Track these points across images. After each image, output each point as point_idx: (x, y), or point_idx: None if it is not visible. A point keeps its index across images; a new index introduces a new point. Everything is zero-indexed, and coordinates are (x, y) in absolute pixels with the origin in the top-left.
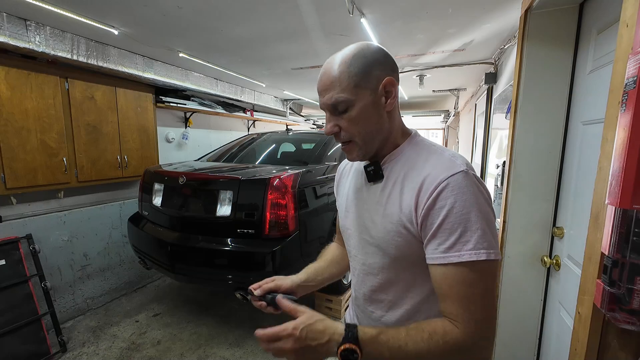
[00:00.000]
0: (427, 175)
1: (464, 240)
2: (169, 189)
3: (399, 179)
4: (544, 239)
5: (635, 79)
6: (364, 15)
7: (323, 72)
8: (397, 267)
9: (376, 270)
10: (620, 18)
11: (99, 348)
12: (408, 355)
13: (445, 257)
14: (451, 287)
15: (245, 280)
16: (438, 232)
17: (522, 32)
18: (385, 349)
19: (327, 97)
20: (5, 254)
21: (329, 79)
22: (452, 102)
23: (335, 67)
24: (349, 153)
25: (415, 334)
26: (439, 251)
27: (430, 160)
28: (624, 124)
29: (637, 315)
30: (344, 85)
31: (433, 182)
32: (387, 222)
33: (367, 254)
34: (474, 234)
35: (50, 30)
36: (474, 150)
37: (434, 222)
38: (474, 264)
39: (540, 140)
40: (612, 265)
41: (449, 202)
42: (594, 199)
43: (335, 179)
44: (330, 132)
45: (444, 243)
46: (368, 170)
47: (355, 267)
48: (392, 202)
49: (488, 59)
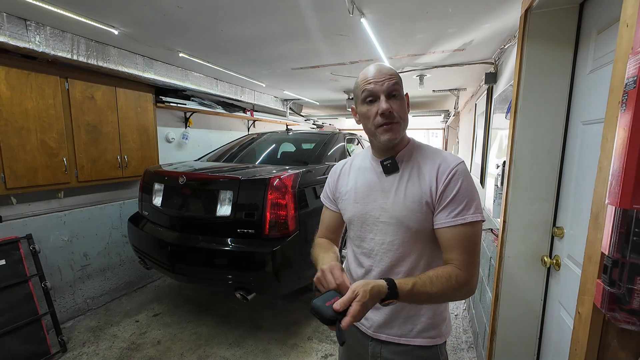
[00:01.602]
0: (440, 163)
1: (468, 208)
2: (169, 189)
3: (414, 168)
4: (544, 239)
5: (635, 79)
6: (364, 15)
7: (381, 66)
8: (414, 240)
9: (396, 246)
10: (620, 18)
11: (99, 348)
12: (432, 296)
13: (455, 220)
14: (458, 242)
15: (245, 280)
16: (451, 202)
17: (522, 32)
18: (417, 295)
19: (391, 83)
20: (5, 254)
21: (390, 71)
22: (452, 102)
23: (390, 68)
24: (394, 132)
25: (437, 281)
26: (451, 216)
27: (436, 155)
28: (624, 124)
29: (637, 315)
30: (398, 80)
31: (448, 166)
32: (409, 202)
33: (387, 233)
34: (473, 203)
35: (50, 30)
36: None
37: (449, 194)
38: (473, 224)
39: (540, 140)
40: (612, 265)
41: (460, 181)
42: (594, 199)
43: (331, 179)
44: (387, 109)
45: (454, 210)
46: (385, 164)
47: (373, 249)
48: (412, 184)
49: (488, 58)
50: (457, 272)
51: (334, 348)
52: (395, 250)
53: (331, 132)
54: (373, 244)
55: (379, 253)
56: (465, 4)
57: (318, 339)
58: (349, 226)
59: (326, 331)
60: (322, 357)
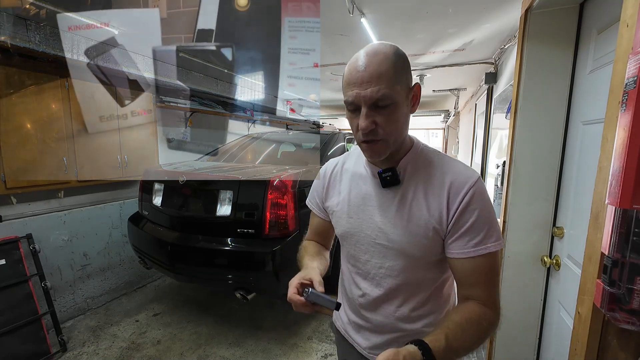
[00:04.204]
0: (452, 181)
1: (489, 236)
2: (169, 189)
3: (420, 184)
4: (544, 239)
5: (635, 79)
6: (364, 15)
7: (369, 62)
8: (417, 267)
9: (396, 272)
10: (621, 18)
11: (99, 348)
12: (467, 348)
13: (476, 250)
14: (481, 275)
15: (245, 280)
16: (469, 230)
17: (522, 32)
18: (453, 351)
19: (373, 90)
20: (6, 253)
21: (376, 72)
22: (452, 102)
23: (380, 61)
24: (377, 153)
25: (469, 327)
26: (470, 246)
27: (445, 164)
28: (624, 124)
29: (637, 315)
30: (392, 81)
31: (462, 186)
32: (413, 226)
33: (386, 257)
34: (494, 229)
35: (50, 30)
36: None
37: (467, 221)
38: (494, 253)
39: (540, 140)
40: (612, 265)
41: (479, 205)
42: (594, 199)
43: (320, 185)
44: (367, 128)
45: (474, 239)
46: (384, 177)
47: (369, 271)
48: (417, 205)
49: (488, 58)
50: (485, 311)
51: (334, 348)
52: (395, 276)
53: (331, 132)
54: (369, 267)
55: (376, 277)
56: (465, 4)
57: (318, 339)
58: (341, 241)
59: (326, 331)
60: (322, 357)
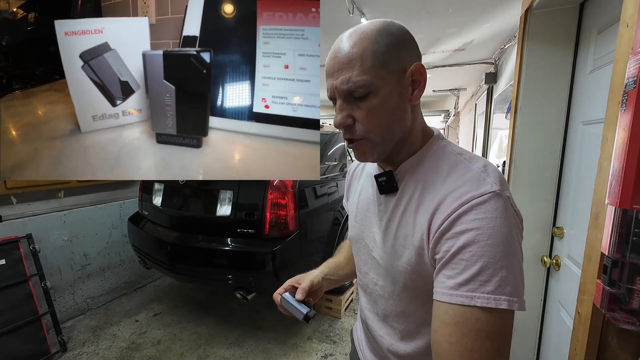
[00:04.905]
0: (448, 192)
1: (483, 280)
2: (169, 189)
3: (415, 195)
4: (544, 239)
5: (635, 79)
6: (364, 15)
7: (337, 49)
8: (409, 298)
9: (387, 295)
10: (621, 18)
11: (99, 348)
12: None
13: (452, 294)
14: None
15: (245, 280)
16: (451, 261)
17: (522, 32)
18: None
19: (343, 78)
20: (6, 253)
21: (346, 57)
22: (452, 102)
23: (354, 42)
24: (360, 153)
25: None
26: (447, 286)
27: (455, 172)
28: (624, 124)
29: (637, 315)
30: (367, 66)
31: (454, 201)
32: (398, 246)
33: (379, 274)
34: (497, 272)
35: None
36: (474, 151)
37: (450, 248)
38: (491, 311)
39: (540, 140)
40: (612, 265)
41: (470, 228)
42: (594, 199)
43: (346, 181)
44: (340, 124)
45: (455, 277)
46: (379, 182)
47: (367, 285)
48: (405, 222)
49: (488, 58)
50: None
51: (334, 348)
52: (387, 298)
53: (331, 132)
54: (367, 280)
55: (372, 294)
56: (465, 4)
57: (318, 339)
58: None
59: (326, 331)
60: (322, 357)
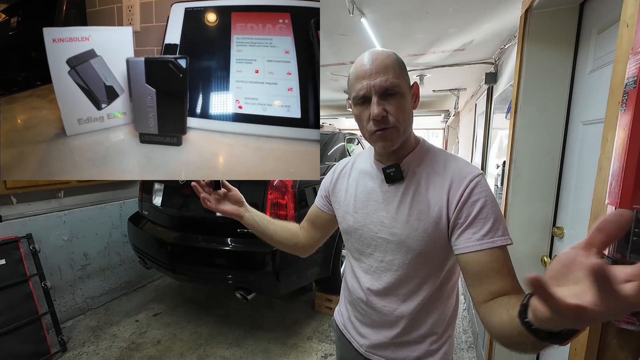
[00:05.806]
0: (454, 175)
1: (495, 229)
2: (169, 189)
3: (422, 180)
4: (544, 239)
5: (635, 79)
6: (364, 15)
7: (375, 57)
8: (418, 262)
9: (396, 267)
10: (621, 18)
11: (99, 347)
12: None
13: (481, 243)
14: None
15: (245, 279)
16: (474, 222)
17: (522, 32)
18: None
19: (382, 79)
20: (6, 253)
21: (383, 64)
22: (452, 102)
23: (386, 55)
24: (389, 140)
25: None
26: (476, 239)
27: (451, 162)
28: (624, 124)
29: (637, 315)
30: (397, 73)
31: (463, 179)
32: (414, 220)
33: (387, 251)
34: (501, 223)
35: None
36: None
37: (470, 213)
38: (503, 248)
39: (540, 140)
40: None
41: (482, 197)
42: (594, 199)
43: (328, 179)
44: (379, 114)
45: (479, 232)
46: (388, 172)
47: (371, 265)
48: (419, 201)
49: (488, 58)
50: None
51: (334, 348)
52: (394, 270)
53: (331, 132)
54: (372, 260)
55: (377, 271)
56: (465, 4)
57: (318, 339)
58: (346, 237)
59: (326, 331)
60: (322, 357)
